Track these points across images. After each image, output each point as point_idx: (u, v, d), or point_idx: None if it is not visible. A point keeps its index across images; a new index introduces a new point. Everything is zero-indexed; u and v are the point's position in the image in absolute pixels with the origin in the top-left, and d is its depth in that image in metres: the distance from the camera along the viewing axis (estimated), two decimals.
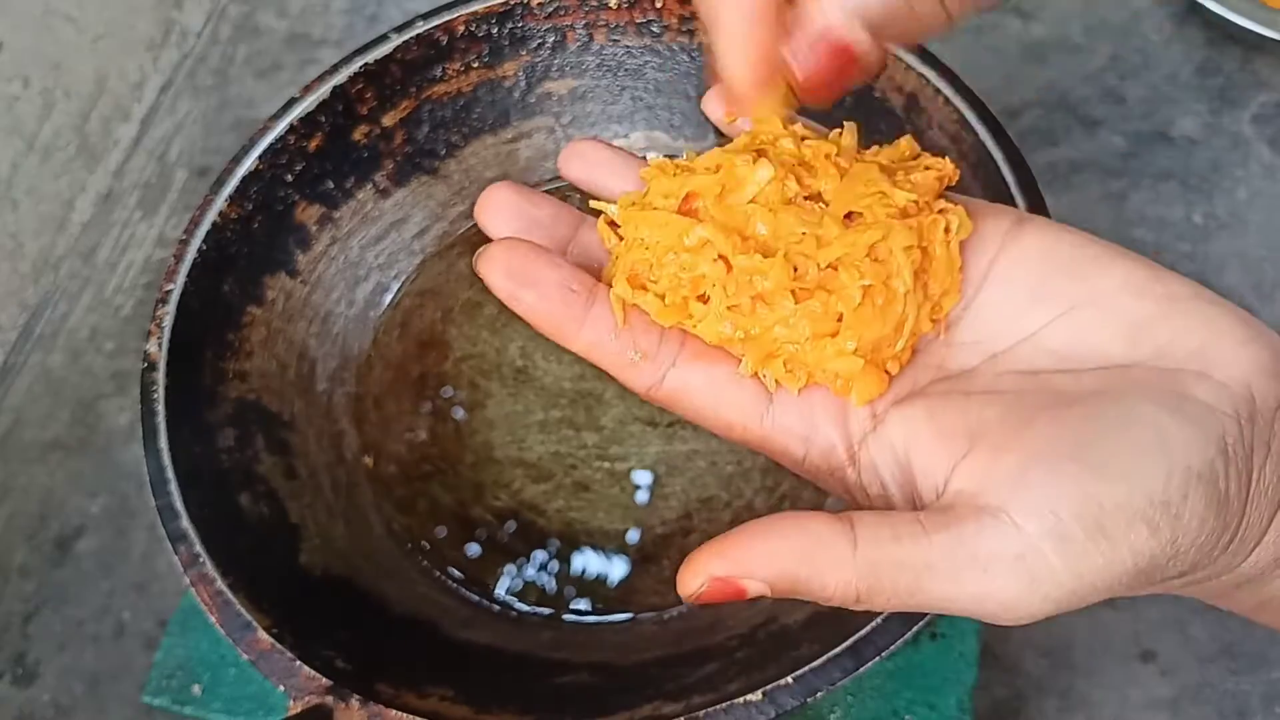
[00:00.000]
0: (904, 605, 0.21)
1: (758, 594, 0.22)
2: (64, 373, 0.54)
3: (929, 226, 0.24)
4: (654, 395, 0.25)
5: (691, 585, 0.22)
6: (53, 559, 0.49)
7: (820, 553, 0.21)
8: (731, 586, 0.22)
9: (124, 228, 0.58)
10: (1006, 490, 0.21)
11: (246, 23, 0.65)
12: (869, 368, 0.24)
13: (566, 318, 0.24)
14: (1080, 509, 0.20)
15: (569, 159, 0.28)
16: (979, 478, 0.22)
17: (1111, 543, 0.20)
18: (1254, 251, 0.51)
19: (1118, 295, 0.23)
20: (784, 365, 0.25)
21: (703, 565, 0.22)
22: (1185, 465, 0.21)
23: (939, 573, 0.21)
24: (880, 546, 0.21)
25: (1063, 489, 0.21)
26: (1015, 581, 0.21)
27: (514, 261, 0.24)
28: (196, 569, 0.34)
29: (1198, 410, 0.21)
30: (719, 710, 0.30)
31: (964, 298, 0.25)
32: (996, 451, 0.22)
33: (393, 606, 0.39)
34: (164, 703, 0.41)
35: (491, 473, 0.43)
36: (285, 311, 0.44)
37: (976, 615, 0.21)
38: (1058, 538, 0.20)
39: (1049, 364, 0.24)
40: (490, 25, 0.45)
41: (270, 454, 0.41)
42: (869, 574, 0.21)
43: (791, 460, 0.25)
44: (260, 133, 0.43)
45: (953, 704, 0.38)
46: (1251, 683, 0.42)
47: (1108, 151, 0.55)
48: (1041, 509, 0.21)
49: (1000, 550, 0.21)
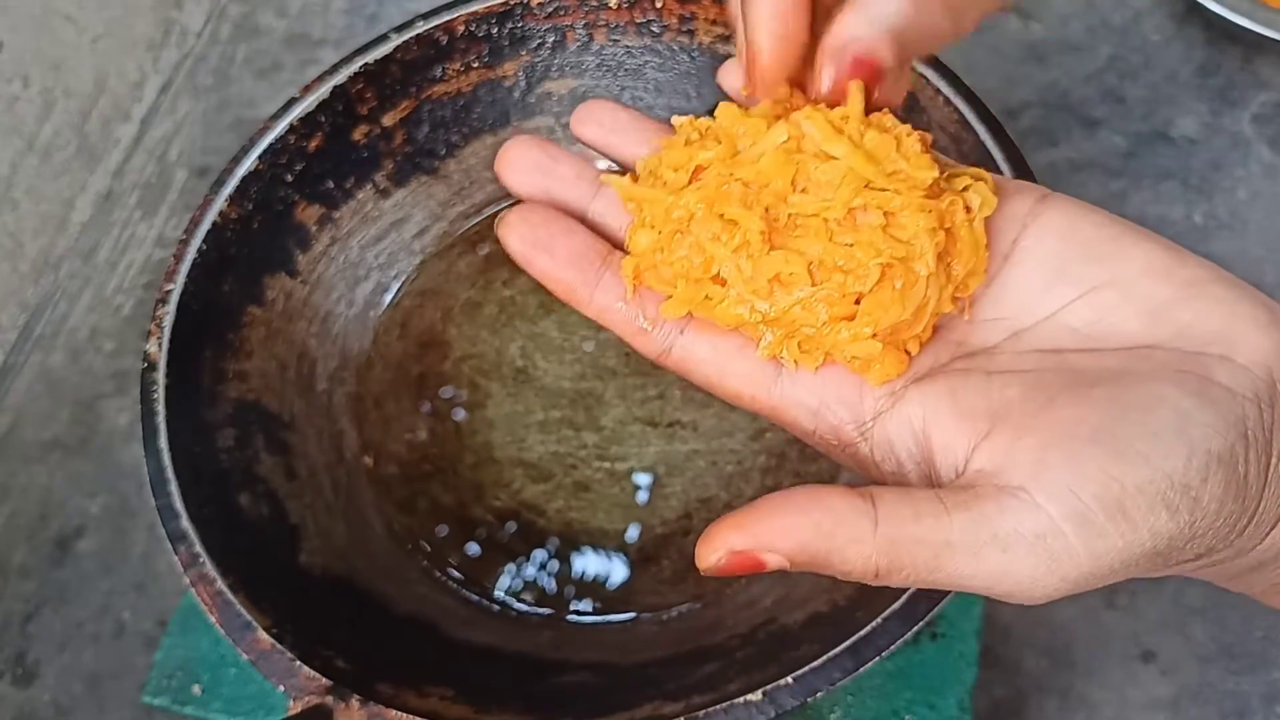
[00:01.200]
0: (922, 582, 0.21)
1: (776, 567, 0.22)
2: (64, 373, 0.54)
3: (949, 208, 0.24)
4: (664, 362, 0.26)
5: (710, 558, 0.22)
6: (53, 559, 0.49)
7: (840, 528, 0.21)
8: (750, 559, 0.22)
9: (124, 228, 0.58)
10: (1027, 471, 0.21)
11: (246, 23, 0.65)
12: (888, 350, 0.24)
13: (579, 283, 0.25)
14: (1101, 490, 0.20)
15: (583, 121, 0.27)
16: (1000, 458, 0.22)
17: (1131, 524, 0.20)
18: (1254, 251, 0.51)
19: (1140, 277, 0.23)
20: (799, 346, 0.24)
21: (721, 539, 0.22)
22: (1206, 448, 0.21)
23: (959, 550, 0.21)
24: (901, 524, 0.21)
25: (1084, 470, 0.21)
26: (1034, 561, 0.21)
27: (530, 227, 0.25)
28: (196, 569, 0.34)
29: (1219, 394, 0.22)
30: (719, 710, 0.30)
31: (988, 276, 0.25)
32: (1018, 432, 0.22)
33: (393, 606, 0.39)
34: (164, 703, 0.41)
35: (491, 473, 0.43)
36: (285, 311, 0.44)
37: (995, 594, 0.21)
38: (1078, 518, 0.20)
39: (1071, 343, 0.24)
40: (490, 25, 0.45)
41: (270, 454, 0.41)
42: (888, 550, 0.21)
43: (801, 432, 0.25)
44: (260, 133, 0.43)
45: (953, 704, 0.38)
46: (1251, 683, 0.42)
47: (1108, 151, 0.55)
48: (1062, 490, 0.21)
49: (1021, 530, 0.21)
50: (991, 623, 0.43)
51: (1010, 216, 0.25)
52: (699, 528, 0.41)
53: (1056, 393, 0.22)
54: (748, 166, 0.24)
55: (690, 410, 0.44)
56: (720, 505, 0.42)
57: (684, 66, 0.47)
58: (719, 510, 0.42)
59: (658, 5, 0.45)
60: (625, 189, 0.25)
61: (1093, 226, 0.24)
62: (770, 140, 0.24)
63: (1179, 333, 0.23)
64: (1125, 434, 0.21)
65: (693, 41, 0.46)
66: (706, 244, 0.24)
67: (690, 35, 0.46)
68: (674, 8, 0.45)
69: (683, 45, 0.46)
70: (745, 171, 0.24)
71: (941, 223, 0.24)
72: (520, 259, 0.25)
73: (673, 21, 0.46)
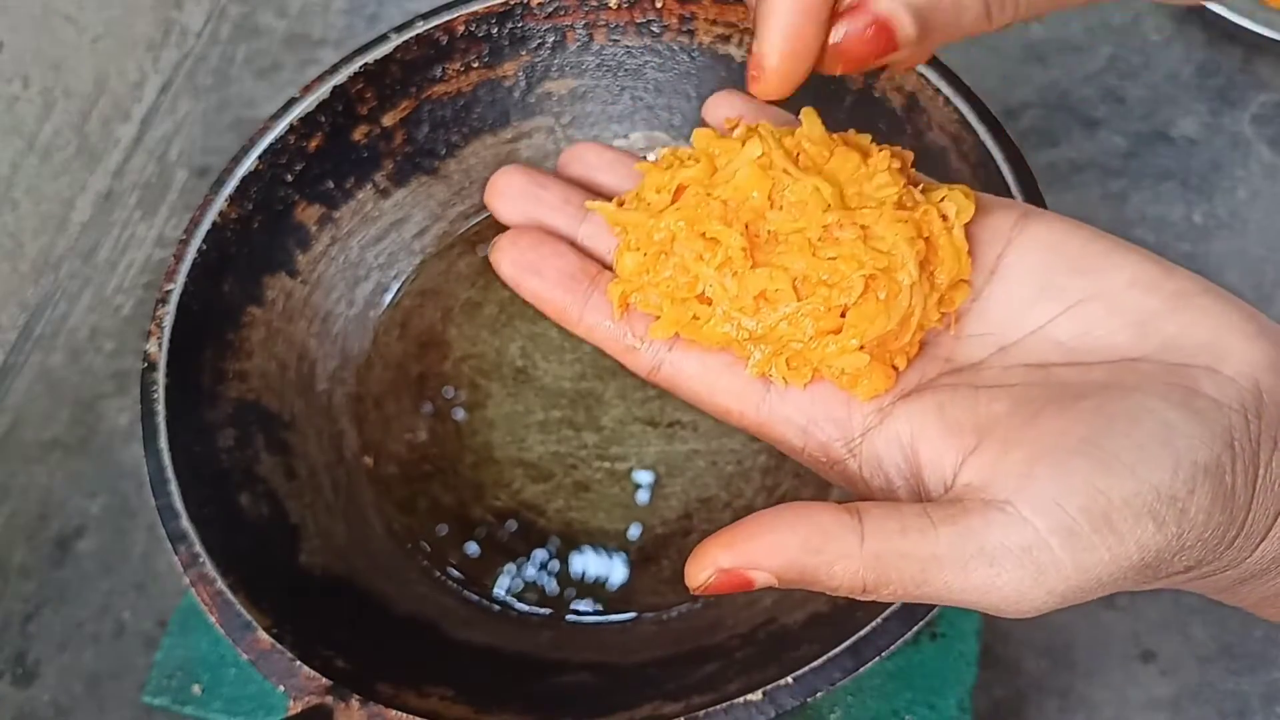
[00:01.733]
0: (910, 596, 0.21)
1: (765, 584, 0.22)
2: (64, 373, 0.54)
3: (924, 217, 0.24)
4: (654, 379, 0.26)
5: (699, 577, 0.22)
6: (53, 559, 0.49)
7: (828, 545, 0.21)
8: (738, 578, 0.22)
9: (124, 228, 0.58)
10: (1014, 484, 0.21)
11: (246, 23, 0.65)
12: (875, 364, 0.24)
13: (568, 303, 0.26)
14: (1087, 503, 0.20)
15: (569, 163, 0.28)
16: (987, 472, 0.22)
17: (1118, 537, 0.20)
18: (1254, 251, 0.51)
19: (1126, 290, 0.24)
20: (787, 363, 0.25)
21: (710, 558, 0.22)
22: (1192, 460, 0.21)
23: (946, 565, 0.21)
24: (887, 539, 0.21)
25: (1069, 483, 0.21)
26: (1021, 574, 0.21)
27: (520, 250, 0.26)
28: (196, 569, 0.34)
29: (1205, 405, 0.22)
30: (719, 710, 0.30)
31: (973, 290, 0.25)
32: (1004, 446, 0.22)
33: (393, 606, 0.39)
34: (164, 703, 0.41)
35: (491, 473, 0.43)
36: (285, 311, 0.44)
37: (982, 607, 0.21)
38: (1064, 532, 0.20)
39: (1057, 357, 0.24)
40: (490, 25, 0.45)
41: (270, 454, 0.41)
42: (875, 566, 0.21)
43: (790, 449, 0.25)
44: (260, 133, 0.43)
45: (953, 704, 0.38)
46: (1251, 683, 0.42)
47: (1108, 151, 0.55)
48: (1048, 503, 0.21)
49: (1007, 544, 0.21)
50: (991, 623, 0.43)
51: (994, 232, 0.25)
52: (699, 528, 0.41)
53: (1043, 406, 0.22)
54: (725, 185, 0.25)
55: (690, 410, 0.44)
56: (720, 505, 0.42)
57: (684, 66, 0.47)
58: (719, 510, 0.42)
59: (658, 5, 0.45)
60: (610, 213, 0.26)
61: (1078, 241, 0.25)
62: (744, 156, 0.25)
63: (1165, 344, 0.23)
64: (1111, 446, 0.21)
65: (693, 41, 0.46)
66: (690, 264, 0.24)
67: (690, 35, 0.46)
68: (674, 8, 0.45)
69: (683, 45, 0.46)
70: (723, 190, 0.24)
71: (920, 231, 0.24)
72: (511, 281, 0.26)
73: (673, 21, 0.46)
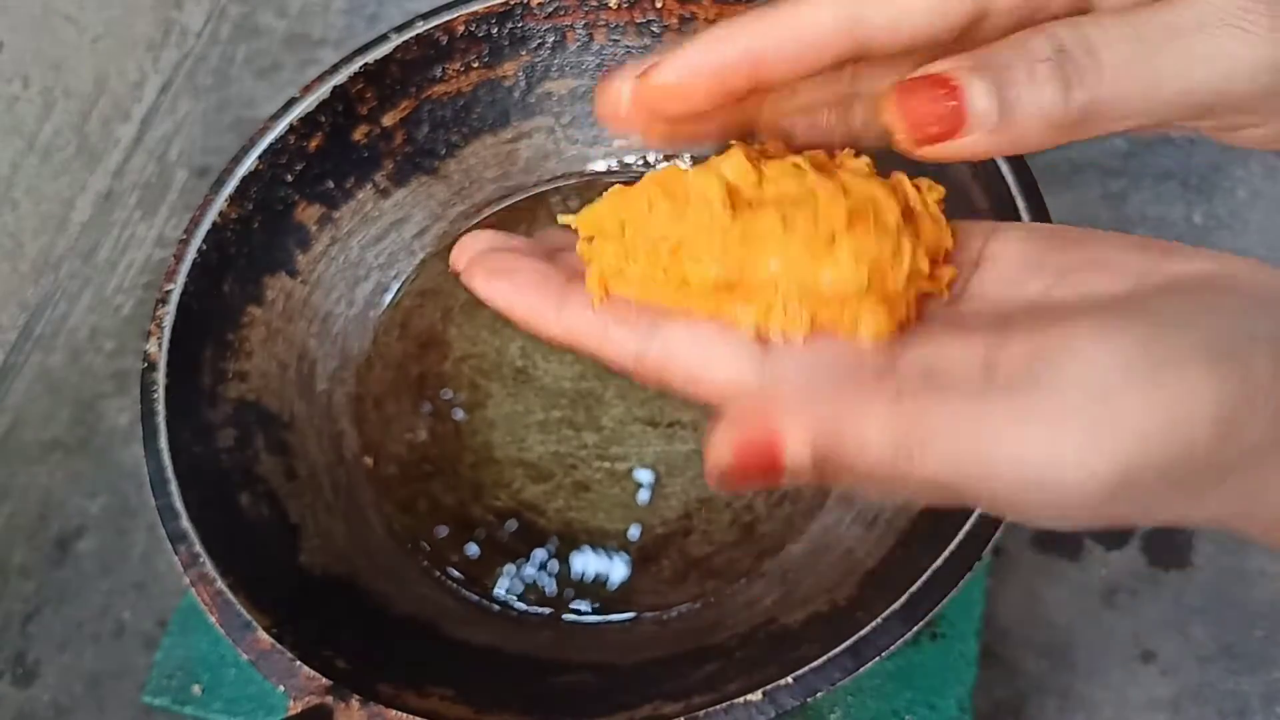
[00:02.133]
0: (950, 476, 0.20)
1: (795, 460, 0.20)
2: (64, 373, 0.54)
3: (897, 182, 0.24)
4: (643, 367, 0.24)
5: (721, 458, 0.21)
6: (53, 559, 0.49)
7: (860, 403, 0.20)
8: (762, 450, 0.20)
9: (124, 228, 0.58)
10: (1055, 347, 0.20)
11: (246, 23, 0.65)
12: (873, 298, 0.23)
13: (543, 305, 0.24)
14: (1141, 351, 0.19)
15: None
16: (1019, 360, 0.21)
17: (1181, 381, 0.19)
18: (1254, 251, 0.51)
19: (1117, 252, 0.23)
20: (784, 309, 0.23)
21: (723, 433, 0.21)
22: (1244, 329, 0.20)
23: (999, 420, 0.20)
24: (926, 397, 0.20)
25: (1119, 341, 0.20)
26: (1079, 430, 0.19)
27: (490, 259, 0.25)
28: (196, 569, 0.34)
29: (1246, 292, 0.21)
30: (719, 710, 0.30)
31: (961, 277, 0.25)
32: (1038, 323, 0.21)
33: (393, 606, 0.39)
34: (164, 703, 0.41)
35: (491, 473, 0.43)
36: (285, 311, 0.44)
37: (1032, 491, 0.20)
38: (1123, 370, 0.19)
39: None
40: (490, 25, 0.45)
41: (270, 454, 0.41)
42: (916, 417, 0.20)
43: None
44: (260, 133, 0.43)
45: (953, 704, 0.38)
46: (1251, 683, 0.42)
47: (1108, 151, 0.55)
48: (1099, 355, 0.19)
49: (1055, 399, 0.19)
50: (991, 623, 0.43)
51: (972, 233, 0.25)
52: (699, 528, 0.41)
53: (1069, 305, 0.22)
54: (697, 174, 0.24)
55: (690, 410, 0.44)
56: (720, 505, 0.42)
57: None
58: (719, 510, 0.42)
59: (658, 5, 0.45)
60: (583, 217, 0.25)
61: (1058, 229, 0.25)
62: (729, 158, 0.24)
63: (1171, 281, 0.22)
64: (1156, 307, 0.20)
65: None
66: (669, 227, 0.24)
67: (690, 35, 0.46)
68: (674, 8, 0.45)
69: None
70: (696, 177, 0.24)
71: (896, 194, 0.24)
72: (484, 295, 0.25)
73: (673, 21, 0.46)
